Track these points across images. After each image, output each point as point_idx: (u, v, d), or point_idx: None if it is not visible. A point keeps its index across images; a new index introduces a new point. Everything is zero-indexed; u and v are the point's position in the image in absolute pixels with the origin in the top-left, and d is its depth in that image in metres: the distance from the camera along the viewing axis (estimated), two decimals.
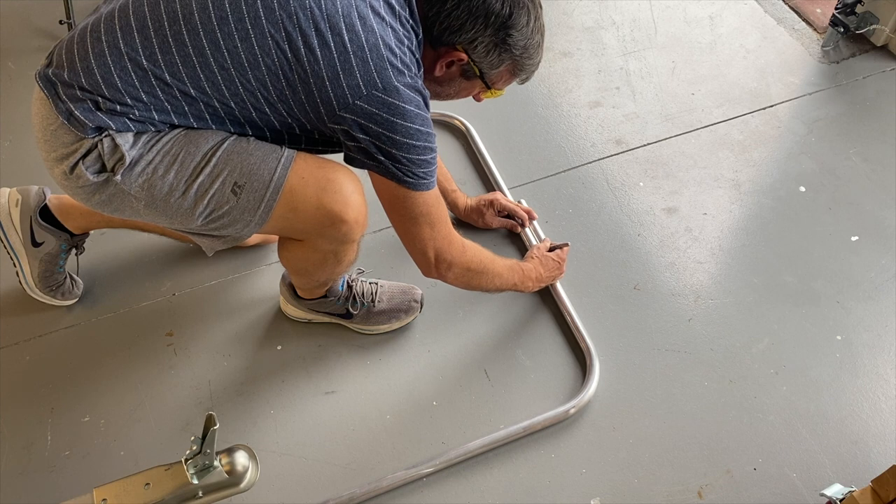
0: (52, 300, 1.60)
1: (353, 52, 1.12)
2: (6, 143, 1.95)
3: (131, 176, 1.17)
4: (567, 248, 1.65)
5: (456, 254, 1.35)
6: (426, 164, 1.22)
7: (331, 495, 1.37)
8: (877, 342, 1.60)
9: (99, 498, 1.12)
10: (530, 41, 1.27)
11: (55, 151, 1.18)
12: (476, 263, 1.41)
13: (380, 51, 1.13)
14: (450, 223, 1.34)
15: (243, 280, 1.69)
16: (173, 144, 1.17)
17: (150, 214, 1.23)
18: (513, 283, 1.53)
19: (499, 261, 1.48)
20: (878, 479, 1.16)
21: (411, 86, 1.17)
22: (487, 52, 1.25)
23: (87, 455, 1.44)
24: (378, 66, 1.13)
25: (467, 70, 1.28)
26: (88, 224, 1.55)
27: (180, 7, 1.13)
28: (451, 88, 1.34)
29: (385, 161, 1.19)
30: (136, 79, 1.13)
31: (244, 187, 1.19)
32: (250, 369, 1.55)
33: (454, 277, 1.38)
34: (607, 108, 2.06)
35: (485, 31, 1.23)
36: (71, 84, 1.14)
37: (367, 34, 1.13)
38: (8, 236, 1.52)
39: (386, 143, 1.17)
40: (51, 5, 2.20)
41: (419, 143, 1.19)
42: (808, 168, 1.91)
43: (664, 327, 1.62)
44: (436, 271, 1.35)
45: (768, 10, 2.34)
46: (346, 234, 1.27)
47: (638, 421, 1.48)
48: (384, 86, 1.14)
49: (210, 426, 1.09)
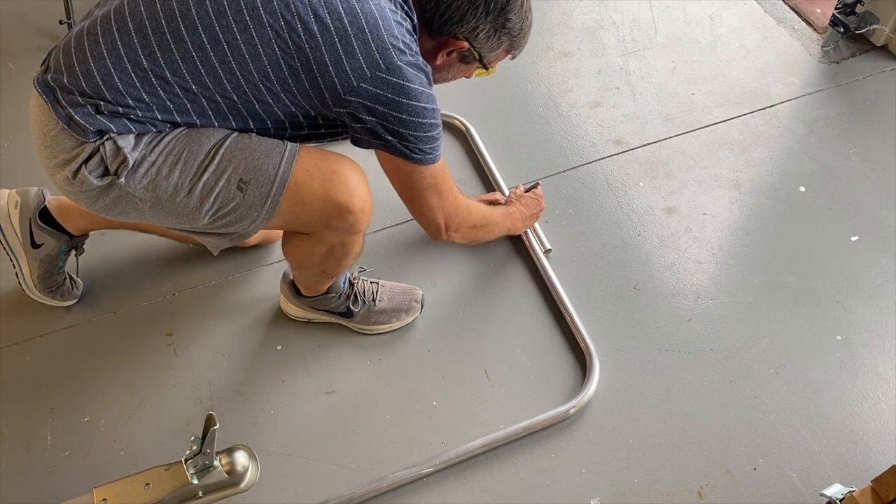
0: (51, 301, 1.60)
1: (354, 35, 1.13)
2: (6, 143, 1.95)
3: (135, 178, 1.16)
4: (539, 186, 1.75)
5: (463, 216, 1.43)
6: (432, 140, 1.25)
7: (331, 495, 1.37)
8: (877, 342, 1.60)
9: (99, 498, 1.13)
10: (525, 21, 1.32)
11: (56, 157, 1.17)
12: (479, 219, 1.52)
13: (380, 31, 1.14)
14: (455, 187, 1.40)
15: (243, 280, 1.69)
16: (175, 144, 1.17)
17: (155, 215, 1.22)
18: (507, 227, 1.64)
19: (494, 211, 1.60)
20: (878, 479, 1.16)
21: (413, 64, 1.18)
22: (488, 37, 1.29)
23: (87, 455, 1.43)
24: (380, 47, 1.14)
25: (467, 56, 1.32)
26: (88, 225, 1.54)
27: (176, 3, 1.13)
28: (450, 73, 1.38)
29: (392, 140, 1.21)
30: (137, 79, 1.13)
31: (250, 183, 1.19)
32: (250, 369, 1.55)
33: (461, 237, 1.48)
34: (607, 108, 2.06)
35: (485, 19, 1.26)
36: (70, 89, 1.14)
37: (367, 16, 1.14)
38: (7, 238, 1.52)
39: (393, 123, 1.19)
40: (51, 5, 2.20)
41: (425, 119, 1.21)
42: (808, 168, 1.91)
43: (664, 327, 1.62)
44: (445, 235, 1.43)
45: (768, 10, 2.34)
46: (352, 225, 1.27)
47: (638, 421, 1.48)
48: (387, 66, 1.15)
49: (210, 426, 1.09)
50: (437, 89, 2.19)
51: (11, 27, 2.25)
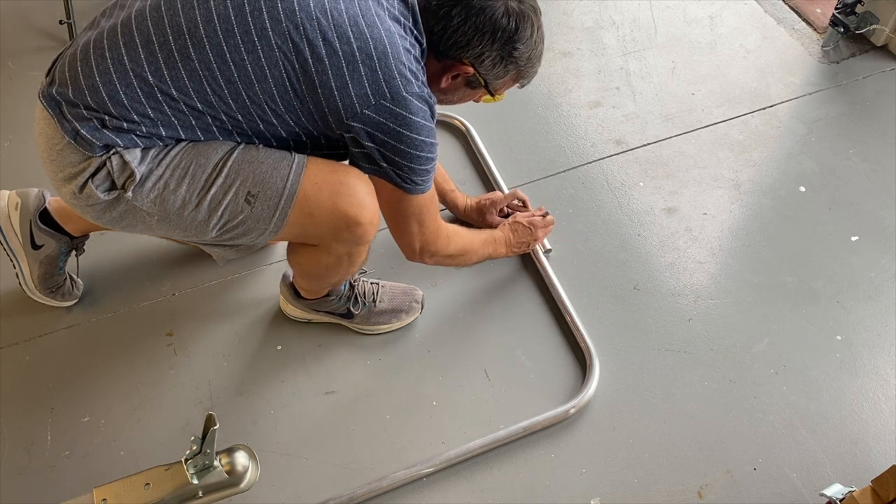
0: (52, 301, 1.60)
1: (362, 61, 1.12)
2: (6, 143, 1.95)
3: (142, 192, 1.16)
4: (539, 213, 1.68)
5: (441, 245, 1.41)
6: (425, 172, 1.25)
7: (331, 495, 1.37)
8: (877, 342, 1.60)
9: (99, 498, 1.12)
10: (534, 52, 1.30)
11: (62, 171, 1.17)
12: (457, 249, 1.48)
13: (388, 59, 1.14)
14: (439, 216, 1.39)
15: (243, 280, 1.69)
16: (182, 157, 1.17)
17: (163, 229, 1.22)
18: (488, 254, 1.60)
19: (476, 239, 1.56)
20: (878, 479, 1.16)
21: (419, 95, 1.17)
22: (494, 65, 1.28)
23: (87, 455, 1.43)
24: (387, 75, 1.14)
25: (473, 81, 1.31)
26: (88, 226, 1.54)
27: (185, 21, 1.12)
28: (455, 96, 1.37)
29: (387, 167, 1.21)
30: (142, 94, 1.12)
31: (258, 196, 1.19)
32: (250, 369, 1.55)
33: (435, 262, 1.45)
34: (607, 108, 2.06)
35: (492, 46, 1.25)
36: (76, 103, 1.13)
37: (376, 42, 1.13)
38: (7, 239, 1.52)
39: (390, 151, 1.19)
40: (51, 5, 2.19)
41: (423, 153, 1.21)
42: (808, 168, 1.91)
43: (664, 327, 1.62)
44: (418, 258, 1.42)
45: (768, 10, 2.34)
46: (360, 237, 1.27)
47: (638, 421, 1.48)
48: (392, 95, 1.15)
49: (210, 426, 1.09)
50: None
51: (11, 27, 2.25)
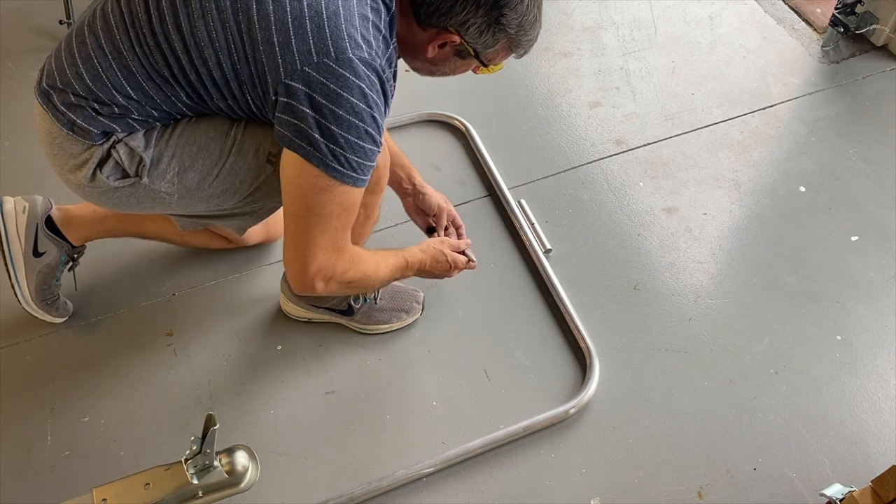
0: (44, 315, 1.56)
1: (310, 18, 1.06)
2: (6, 143, 1.95)
3: (157, 174, 1.16)
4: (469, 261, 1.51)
5: (340, 269, 1.21)
6: (363, 154, 1.11)
7: (331, 495, 1.37)
8: (877, 342, 1.60)
9: (99, 498, 1.12)
10: (525, 18, 1.19)
11: (66, 163, 1.17)
12: (358, 276, 1.26)
13: (338, 20, 1.06)
14: (348, 234, 1.21)
15: (243, 280, 1.69)
16: (190, 132, 1.16)
17: (184, 205, 1.21)
18: (391, 280, 1.39)
19: (382, 264, 1.33)
20: (878, 479, 1.16)
21: (368, 63, 1.08)
22: (481, 32, 1.18)
23: (87, 455, 1.43)
24: (335, 35, 1.06)
25: (462, 50, 1.22)
26: (89, 235, 1.53)
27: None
28: (447, 67, 1.27)
29: (319, 140, 1.08)
30: (122, 77, 1.13)
31: (279, 155, 1.14)
32: (250, 369, 1.55)
33: (326, 291, 1.23)
34: (607, 108, 2.06)
35: (476, 13, 1.15)
36: (64, 90, 1.14)
37: (328, 2, 1.07)
38: (10, 243, 1.50)
39: (326, 117, 1.07)
40: (51, 5, 2.19)
41: (362, 124, 1.09)
42: (808, 168, 1.91)
43: (664, 327, 1.62)
44: (310, 282, 1.19)
45: (768, 10, 2.34)
46: (376, 182, 1.27)
47: (638, 421, 1.48)
48: (337, 56, 1.05)
49: (210, 426, 1.09)
50: (436, 86, 2.18)
51: (11, 27, 2.25)
